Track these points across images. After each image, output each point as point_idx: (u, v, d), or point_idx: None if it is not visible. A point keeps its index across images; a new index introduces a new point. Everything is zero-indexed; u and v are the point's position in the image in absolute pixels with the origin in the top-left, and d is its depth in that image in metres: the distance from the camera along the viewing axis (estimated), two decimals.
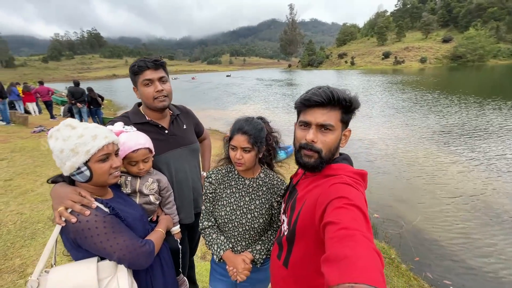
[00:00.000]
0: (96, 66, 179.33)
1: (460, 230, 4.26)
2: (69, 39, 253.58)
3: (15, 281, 2.26)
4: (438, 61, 63.57)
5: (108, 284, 0.98)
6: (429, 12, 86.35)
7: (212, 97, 24.35)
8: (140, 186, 1.29)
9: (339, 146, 0.94)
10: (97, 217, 0.94)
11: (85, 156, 0.96)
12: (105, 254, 0.97)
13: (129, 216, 1.09)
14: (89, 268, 0.95)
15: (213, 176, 1.36)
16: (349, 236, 0.58)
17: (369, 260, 0.52)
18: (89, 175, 0.99)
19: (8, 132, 7.35)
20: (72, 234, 0.93)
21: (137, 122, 1.42)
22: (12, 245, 2.71)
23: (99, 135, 1.00)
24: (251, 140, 1.20)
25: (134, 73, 1.37)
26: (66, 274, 0.94)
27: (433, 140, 8.64)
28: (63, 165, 0.97)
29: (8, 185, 4.06)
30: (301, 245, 0.92)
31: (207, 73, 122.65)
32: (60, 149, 0.95)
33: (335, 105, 0.87)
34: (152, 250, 1.09)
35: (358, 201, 0.72)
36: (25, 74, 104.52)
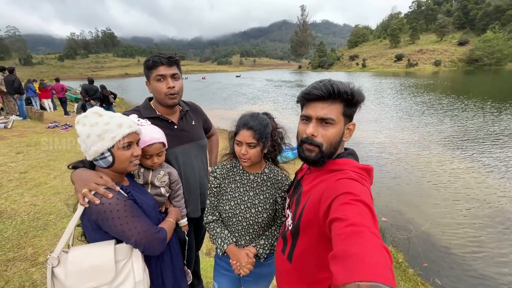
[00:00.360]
0: (109, 65, 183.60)
1: (473, 238, 4.13)
2: (84, 38, 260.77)
3: (27, 269, 2.34)
4: (453, 64, 61.91)
5: (124, 266, 1.04)
6: (445, 14, 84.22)
7: (221, 97, 24.51)
8: (152, 178, 1.33)
9: (342, 140, 0.92)
10: (118, 200, 0.99)
11: (110, 142, 1.01)
12: (123, 237, 1.01)
13: (144, 204, 1.14)
14: (106, 250, 1.00)
15: (218, 170, 1.37)
16: (356, 233, 0.58)
17: (377, 256, 0.51)
18: (112, 160, 1.04)
19: (25, 127, 7.61)
20: (94, 215, 0.97)
21: (148, 117, 1.45)
22: (25, 235, 2.81)
23: (124, 124, 1.05)
24: (257, 135, 1.20)
25: (148, 67, 1.40)
26: (84, 254, 0.99)
27: (447, 145, 8.42)
28: (88, 149, 1.02)
29: (23, 177, 4.20)
30: (305, 240, 0.92)
31: (217, 73, 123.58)
32: (87, 134, 1.01)
33: (335, 98, 0.86)
34: (165, 237, 1.14)
35: (364, 196, 0.71)
36: (42, 72, 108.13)
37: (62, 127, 7.96)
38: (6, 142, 5.95)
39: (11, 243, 2.65)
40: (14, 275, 2.25)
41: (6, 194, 3.61)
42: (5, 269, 2.31)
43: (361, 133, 9.96)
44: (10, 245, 2.62)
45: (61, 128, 7.85)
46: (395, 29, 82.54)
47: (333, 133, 0.88)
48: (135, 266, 1.05)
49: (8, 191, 3.70)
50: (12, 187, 3.83)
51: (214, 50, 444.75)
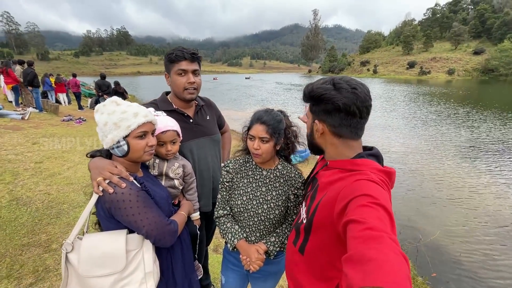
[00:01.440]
0: (123, 63, 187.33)
1: (483, 251, 4.01)
2: (99, 36, 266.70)
3: (40, 254, 2.40)
4: (467, 73, 60.59)
5: (135, 256, 1.04)
6: (460, 22, 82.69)
7: (231, 98, 24.64)
8: (166, 169, 1.35)
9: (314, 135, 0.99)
10: (131, 191, 1.00)
11: (125, 130, 1.02)
12: (135, 227, 1.02)
13: (157, 195, 1.14)
14: (118, 239, 1.01)
15: (231, 165, 1.37)
16: (375, 238, 0.56)
17: (396, 264, 0.50)
18: (127, 149, 1.05)
19: (41, 119, 7.83)
20: (107, 204, 0.99)
21: (165, 110, 1.48)
22: (39, 222, 2.89)
23: (140, 113, 1.06)
24: (270, 130, 1.20)
25: (171, 60, 1.41)
26: (97, 241, 1.01)
27: (461, 155, 8.23)
28: (105, 137, 1.04)
29: (38, 167, 4.33)
30: (318, 236, 0.92)
31: (227, 74, 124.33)
32: (104, 122, 1.02)
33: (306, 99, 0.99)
34: (176, 230, 1.14)
35: (384, 200, 0.69)
36: (58, 67, 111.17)
37: (76, 120, 8.16)
38: (23, 132, 6.14)
39: (26, 229, 2.74)
40: (28, 259, 2.32)
41: (22, 182, 3.72)
42: (20, 253, 2.39)
43: (373, 139, 9.85)
44: (25, 231, 2.71)
45: (75, 122, 8.05)
46: (409, 36, 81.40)
47: (307, 125, 1.02)
48: (146, 257, 1.06)
49: (24, 180, 3.81)
50: (28, 176, 3.94)
51: (225, 52, 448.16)
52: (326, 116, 0.90)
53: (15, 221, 2.85)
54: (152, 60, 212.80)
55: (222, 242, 2.95)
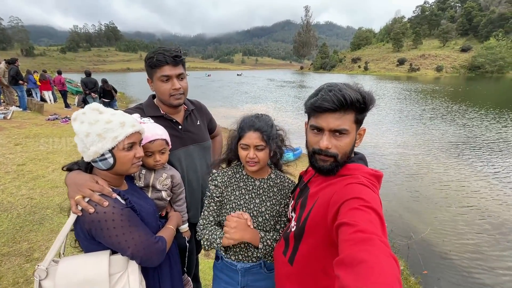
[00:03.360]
0: (111, 59, 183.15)
1: (473, 246, 4.09)
2: (87, 31, 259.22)
3: (21, 264, 2.28)
4: (455, 70, 61.93)
5: (119, 280, 0.95)
6: (448, 20, 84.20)
7: (222, 95, 24.44)
8: (154, 180, 1.26)
9: (354, 147, 0.92)
10: (114, 209, 0.91)
11: (112, 142, 0.93)
12: (119, 248, 0.94)
13: (143, 210, 1.06)
14: (100, 262, 0.92)
15: (219, 178, 1.27)
16: (365, 240, 0.57)
17: (386, 266, 0.51)
18: (113, 162, 0.96)
19: (24, 118, 7.54)
20: (87, 225, 0.89)
21: (152, 116, 1.38)
22: (20, 229, 2.75)
23: (127, 123, 0.97)
24: (265, 137, 1.13)
25: (151, 66, 1.30)
26: (76, 266, 0.91)
27: (450, 152, 8.38)
28: (87, 150, 0.93)
29: (21, 169, 4.14)
30: (309, 243, 0.90)
31: (218, 71, 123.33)
32: (85, 133, 0.91)
33: (348, 108, 0.82)
34: (165, 248, 1.06)
35: (375, 203, 0.70)
36: (43, 63, 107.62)
37: (62, 119, 7.90)
38: (4, 133, 5.88)
39: (6, 237, 2.60)
40: (8, 270, 2.20)
41: (3, 186, 3.55)
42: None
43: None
44: (5, 239, 2.57)
45: (61, 121, 7.79)
46: (398, 33, 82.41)
47: (347, 143, 0.86)
48: (131, 279, 0.97)
49: (5, 183, 3.64)
50: (9, 179, 3.77)
51: (217, 48, 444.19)
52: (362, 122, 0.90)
53: None
54: (142, 56, 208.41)
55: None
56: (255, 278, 1.30)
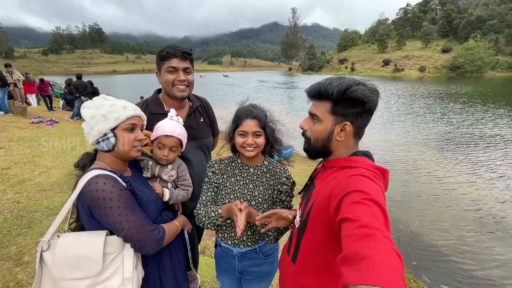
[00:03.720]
0: (97, 61, 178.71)
1: (459, 236, 4.27)
2: (70, 33, 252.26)
3: (11, 268, 2.22)
4: (437, 70, 64.15)
5: (113, 260, 0.97)
6: (430, 22, 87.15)
7: (212, 96, 24.33)
8: (159, 171, 1.29)
9: (332, 138, 0.91)
10: (113, 189, 0.94)
11: (114, 122, 1.00)
12: (114, 228, 0.96)
13: (144, 196, 1.08)
14: (96, 240, 0.95)
15: (216, 166, 1.35)
16: (368, 236, 0.56)
17: (389, 262, 0.50)
18: (114, 142, 1.01)
19: (6, 122, 7.25)
20: (87, 201, 0.93)
21: (156, 113, 1.42)
22: (8, 233, 2.67)
23: (130, 106, 1.06)
24: (261, 123, 1.21)
25: (162, 58, 1.38)
26: (74, 242, 0.95)
27: (439, 147, 8.69)
28: (91, 130, 1.00)
29: (5, 173, 4.00)
30: (311, 238, 0.89)
31: (207, 73, 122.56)
32: (91, 115, 1.00)
33: (322, 97, 0.89)
34: (161, 237, 1.06)
35: (377, 195, 0.68)
36: (24, 66, 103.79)
37: (47, 122, 7.65)
38: None
39: None
40: None
41: None
42: None
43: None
44: None
45: (46, 124, 7.54)
46: (383, 34, 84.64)
47: (318, 129, 0.92)
48: (126, 261, 0.99)
49: None
50: None
51: (205, 50, 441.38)
52: (356, 118, 0.88)
53: None
54: (128, 58, 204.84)
55: (209, 244, 2.89)
56: (252, 263, 1.35)
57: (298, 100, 20.05)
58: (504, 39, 66.34)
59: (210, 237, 3.04)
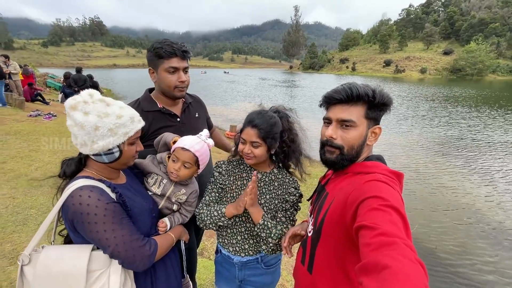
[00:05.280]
0: (97, 55, 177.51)
1: (459, 243, 4.24)
2: (70, 25, 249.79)
3: (4, 267, 2.17)
4: (438, 72, 64.09)
5: (98, 278, 0.89)
6: (432, 23, 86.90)
7: (213, 94, 24.22)
8: (170, 193, 1.22)
9: (365, 143, 0.89)
10: (99, 202, 0.86)
11: (122, 138, 0.93)
12: (100, 245, 0.89)
13: (136, 206, 1.01)
14: (80, 256, 0.87)
15: (224, 166, 1.30)
16: (389, 244, 0.54)
17: (411, 272, 0.48)
18: (118, 156, 0.94)
19: (4, 114, 7.16)
20: (70, 215, 0.86)
21: (149, 110, 1.37)
22: (3, 230, 2.62)
23: (135, 117, 0.98)
24: (261, 134, 1.13)
25: (159, 56, 1.28)
26: (56, 257, 0.87)
27: (440, 151, 8.63)
28: (93, 143, 0.89)
29: (1, 168, 3.94)
30: (327, 245, 0.86)
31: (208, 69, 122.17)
32: (94, 126, 0.87)
33: (356, 100, 0.85)
34: (153, 253, 0.98)
35: (395, 201, 0.65)
36: (23, 57, 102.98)
37: (45, 116, 7.57)
38: None
39: None
40: None
41: None
42: None
43: None
44: None
45: (44, 117, 7.46)
46: (385, 35, 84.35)
47: (354, 135, 0.87)
48: (112, 279, 0.90)
49: None
50: None
51: (206, 46, 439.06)
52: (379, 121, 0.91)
53: None
54: (129, 53, 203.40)
55: (208, 245, 2.85)
56: (252, 272, 1.31)
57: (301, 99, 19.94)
58: (506, 42, 66.26)
59: (209, 238, 2.99)
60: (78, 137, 0.90)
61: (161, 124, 1.38)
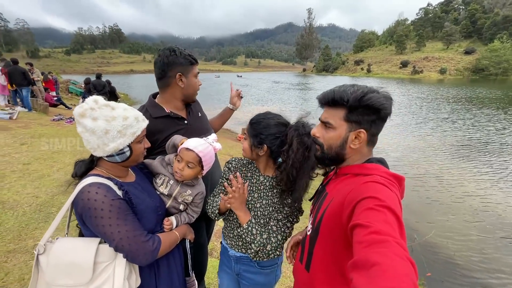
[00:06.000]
0: (115, 61, 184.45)
1: (478, 250, 4.06)
2: (91, 33, 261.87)
3: (27, 261, 2.31)
4: (459, 72, 61.56)
5: (104, 269, 0.96)
6: (452, 22, 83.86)
7: (226, 98, 24.49)
8: (177, 194, 1.27)
9: (346, 146, 0.90)
10: (105, 198, 0.93)
11: (131, 137, 1.01)
12: (105, 238, 0.96)
13: (142, 203, 1.07)
14: (88, 248, 0.94)
15: (234, 163, 1.37)
16: (380, 242, 0.55)
17: (401, 269, 0.48)
18: (129, 155, 1.03)
19: (29, 119, 7.61)
20: (79, 209, 0.93)
21: (158, 116, 1.42)
22: (26, 226, 2.78)
23: (139, 117, 1.05)
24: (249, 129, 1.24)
25: (191, 62, 1.45)
26: (67, 248, 0.95)
27: (458, 154, 8.30)
28: (105, 146, 0.97)
29: (26, 168, 4.19)
30: (324, 245, 0.88)
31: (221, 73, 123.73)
32: (104, 130, 0.94)
33: (336, 104, 0.88)
34: (156, 248, 1.04)
35: (391, 202, 0.66)
36: (48, 65, 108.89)
37: (67, 120, 7.97)
38: (10, 133, 5.95)
39: (12, 234, 2.63)
40: (14, 267, 2.23)
41: (9, 185, 3.59)
42: (5, 260, 2.29)
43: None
44: (11, 236, 2.60)
45: (65, 121, 7.86)
46: (402, 35, 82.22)
47: (331, 136, 0.91)
48: (117, 271, 0.97)
49: (11, 182, 3.68)
50: (15, 178, 3.81)
51: (220, 50, 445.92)
52: (371, 125, 0.88)
53: (0, 226, 2.74)
54: (145, 58, 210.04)
55: (217, 245, 2.89)
56: (246, 268, 1.34)
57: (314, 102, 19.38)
58: None
59: (218, 238, 3.04)
60: (91, 141, 0.97)
61: (172, 130, 1.43)
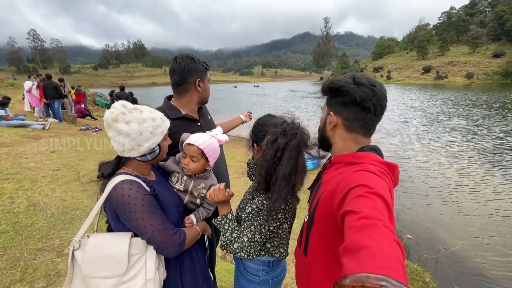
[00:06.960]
0: (138, 74, 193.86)
1: (511, 264, 3.74)
2: (117, 49, 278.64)
3: (53, 259, 2.46)
4: (488, 77, 58.30)
5: (137, 261, 1.03)
6: (478, 25, 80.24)
7: (244, 107, 24.83)
8: (192, 188, 1.33)
9: (325, 128, 1.00)
10: (138, 194, 1.00)
11: (160, 136, 1.09)
12: (138, 231, 1.02)
13: (166, 199, 1.14)
14: (122, 241, 1.01)
15: (252, 164, 1.52)
16: (369, 226, 0.57)
17: (389, 250, 0.50)
18: (158, 152, 1.11)
19: (60, 129, 8.18)
20: (114, 205, 0.99)
21: (175, 118, 1.48)
22: (53, 227, 2.97)
23: (163, 117, 1.14)
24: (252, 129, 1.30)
25: (206, 69, 1.57)
26: (102, 242, 1.01)
27: (487, 163, 7.76)
28: (139, 146, 1.03)
29: (55, 174, 4.48)
30: (319, 232, 0.91)
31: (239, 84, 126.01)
32: (138, 132, 1.01)
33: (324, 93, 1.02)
34: (182, 241, 1.10)
35: (380, 189, 0.68)
36: (78, 79, 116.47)
37: (93, 130, 8.47)
38: (43, 141, 6.42)
39: (40, 234, 2.82)
40: (41, 264, 2.38)
41: (40, 189, 3.86)
42: (34, 257, 2.45)
43: (386, 146, 9.58)
44: (40, 236, 2.78)
45: (91, 131, 8.35)
46: (423, 40, 79.76)
47: (321, 119, 1.04)
48: (148, 263, 1.04)
49: (42, 186, 3.96)
50: (46, 183, 4.09)
51: (237, 61, 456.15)
52: (342, 109, 0.92)
53: (31, 226, 2.95)
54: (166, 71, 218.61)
55: None
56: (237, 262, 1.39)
57: None
58: None
59: None
60: (126, 144, 1.01)
61: (187, 130, 1.48)
